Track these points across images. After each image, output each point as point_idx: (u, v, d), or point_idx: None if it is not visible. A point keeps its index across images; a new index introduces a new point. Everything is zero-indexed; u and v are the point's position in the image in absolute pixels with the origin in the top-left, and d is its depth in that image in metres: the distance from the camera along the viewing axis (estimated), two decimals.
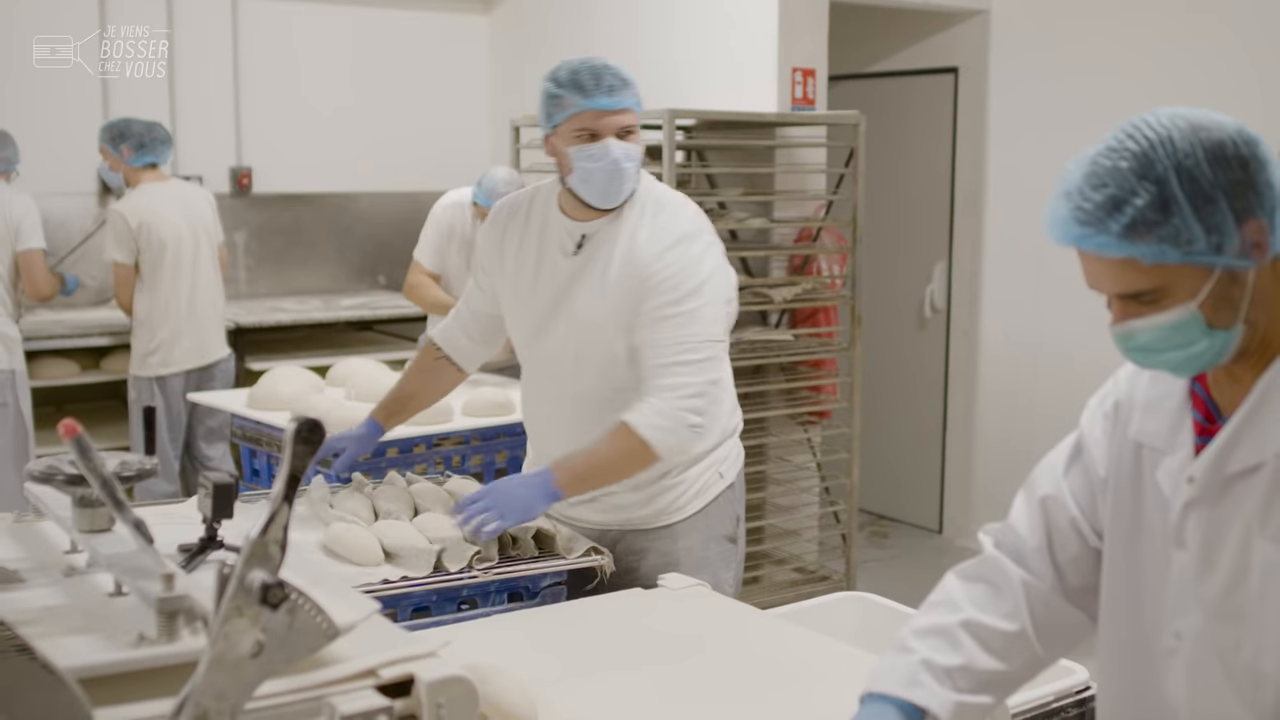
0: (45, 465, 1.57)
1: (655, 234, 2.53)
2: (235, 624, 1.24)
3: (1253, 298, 1.39)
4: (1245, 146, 1.37)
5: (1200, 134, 1.37)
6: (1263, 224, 1.37)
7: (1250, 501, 1.41)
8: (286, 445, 1.26)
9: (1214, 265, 1.36)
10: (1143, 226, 1.35)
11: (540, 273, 2.64)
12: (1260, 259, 1.38)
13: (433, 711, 1.38)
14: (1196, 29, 5.08)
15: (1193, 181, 1.35)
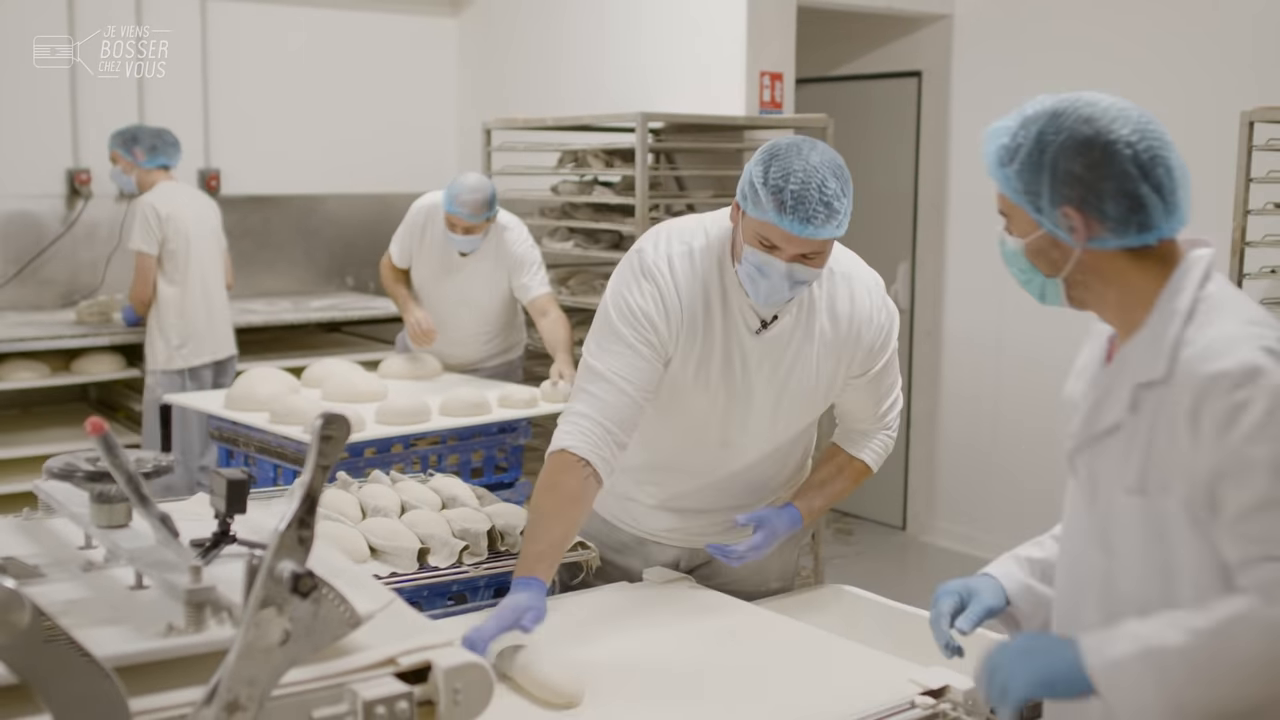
0: (63, 462, 1.61)
1: (863, 300, 2.47)
2: (265, 613, 1.28)
3: (1087, 274, 1.67)
4: (1107, 151, 1.61)
5: (1082, 125, 1.63)
6: (1077, 215, 1.64)
7: (1112, 456, 1.68)
8: (313, 440, 1.31)
9: (1039, 222, 1.67)
10: (1003, 162, 1.68)
11: (726, 351, 2.43)
12: (1079, 241, 1.65)
13: (450, 696, 1.43)
14: (1155, 34, 5.19)
15: (1040, 153, 1.64)
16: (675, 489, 2.62)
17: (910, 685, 2.01)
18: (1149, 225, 1.63)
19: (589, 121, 5.32)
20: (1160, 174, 1.62)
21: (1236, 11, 4.92)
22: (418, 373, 4.71)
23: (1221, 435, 1.53)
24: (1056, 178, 1.63)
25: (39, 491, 1.83)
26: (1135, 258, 1.65)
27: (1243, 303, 1.65)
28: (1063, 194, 1.63)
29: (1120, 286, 1.67)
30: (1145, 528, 1.64)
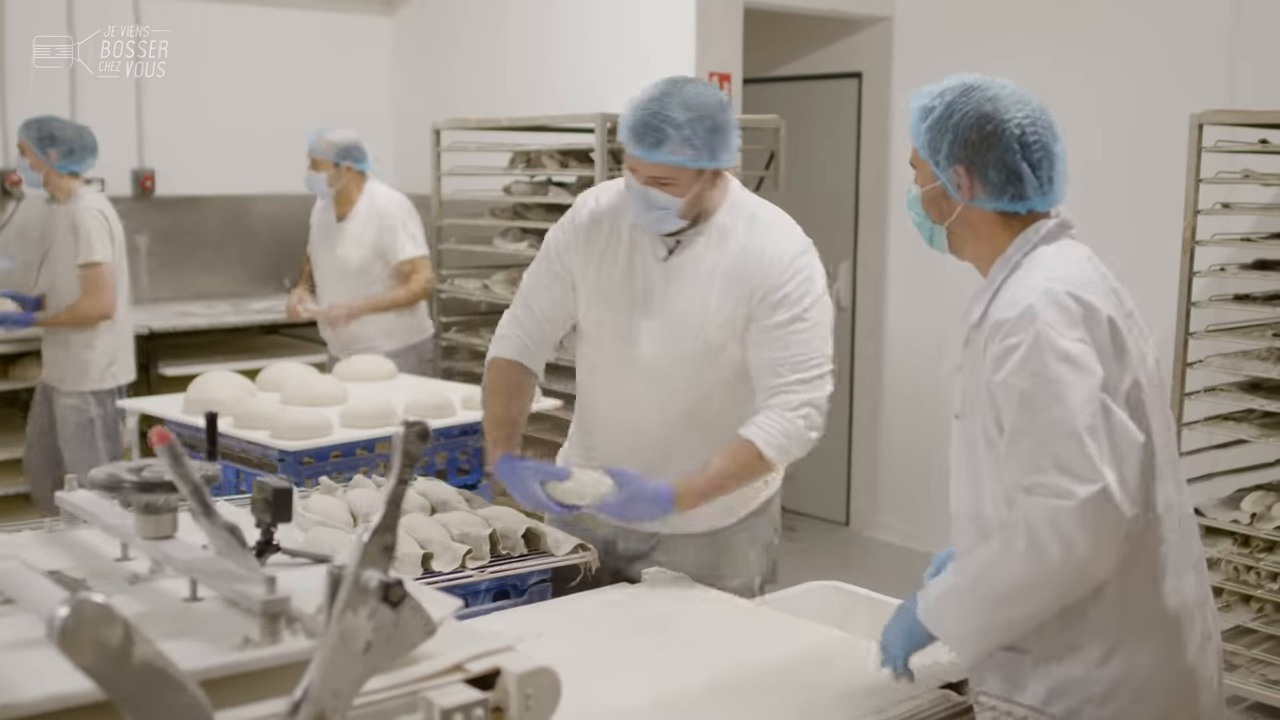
0: (107, 474, 1.58)
1: (773, 242, 2.57)
2: (351, 622, 1.27)
3: (964, 227, 1.99)
4: (998, 127, 1.92)
5: (987, 103, 1.94)
6: (965, 175, 1.95)
7: (954, 389, 2.05)
8: (397, 449, 1.30)
9: (936, 175, 1.98)
10: (920, 119, 1.99)
11: (630, 277, 2.65)
12: (963, 197, 1.96)
13: (521, 702, 1.43)
14: (1095, 38, 5.31)
15: (948, 117, 1.95)
16: (599, 449, 2.74)
17: (931, 679, 2.04)
18: (1021, 195, 1.95)
19: (545, 122, 5.30)
20: (1039, 156, 1.94)
21: (1182, 15, 5.04)
22: (373, 374, 4.66)
23: (996, 371, 1.86)
24: (955, 140, 1.94)
25: (63, 503, 1.79)
26: (1004, 221, 1.98)
27: (1062, 262, 1.93)
28: (957, 154, 1.94)
29: (987, 242, 1.99)
30: (963, 447, 2.02)
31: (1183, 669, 1.95)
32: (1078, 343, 1.82)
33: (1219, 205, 4.20)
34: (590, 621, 2.33)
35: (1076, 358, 1.81)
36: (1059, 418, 1.79)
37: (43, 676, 1.25)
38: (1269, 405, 4.10)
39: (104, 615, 1.17)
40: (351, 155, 5.18)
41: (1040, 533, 1.79)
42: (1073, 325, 1.83)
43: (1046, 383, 1.81)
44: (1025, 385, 1.82)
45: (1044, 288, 1.86)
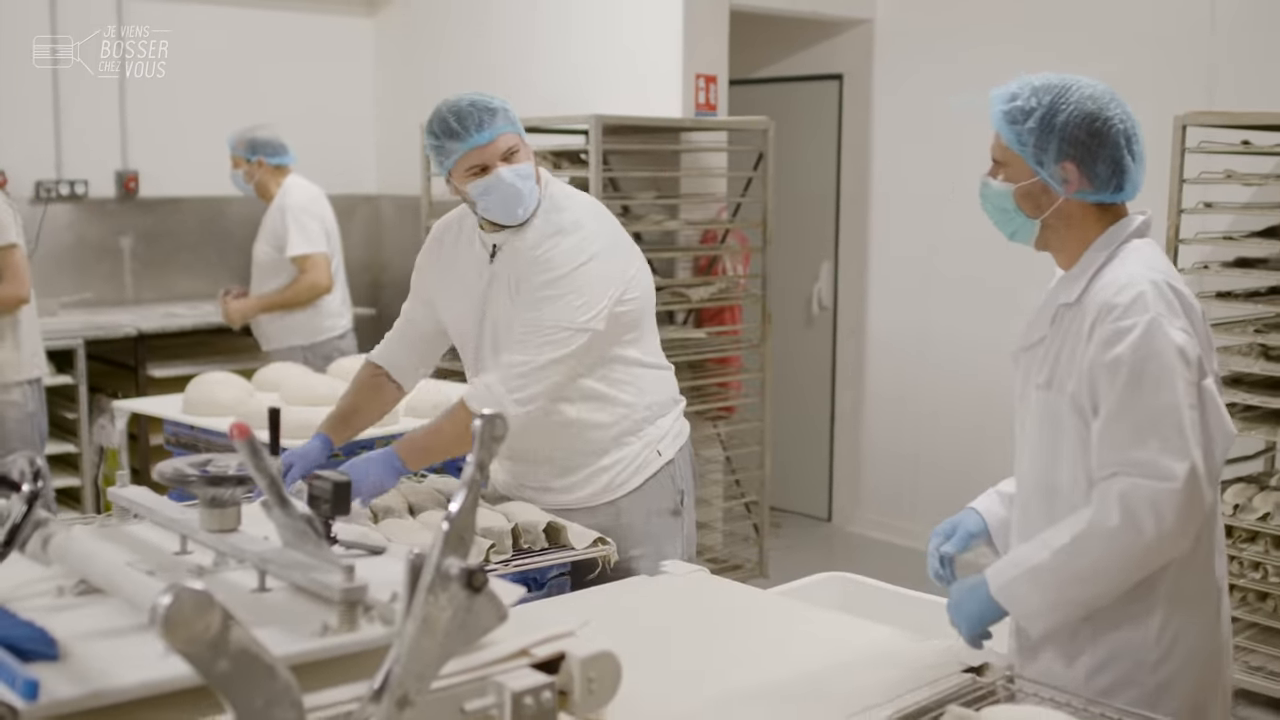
0: (173, 469, 1.62)
1: (540, 229, 2.73)
2: (433, 609, 1.32)
3: (1060, 219, 2.07)
4: (1105, 125, 2.02)
5: (1088, 101, 2.03)
6: (1075, 169, 2.03)
7: (1034, 361, 2.12)
8: (477, 438, 1.35)
9: (1037, 172, 2.04)
10: (1014, 120, 2.04)
11: (467, 283, 2.83)
12: (1069, 191, 2.05)
13: (584, 685, 1.48)
14: (1069, 39, 5.40)
15: (1052, 118, 2.02)
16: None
17: (953, 664, 2.11)
18: (1122, 186, 2.06)
19: (538, 123, 5.34)
20: (1138, 148, 2.07)
21: (1161, 16, 5.14)
22: None
23: (1104, 351, 1.94)
24: (1065, 138, 2.02)
25: (116, 499, 1.83)
26: (1099, 213, 2.08)
27: (1155, 256, 2.05)
28: (1066, 151, 2.02)
29: (1080, 231, 2.08)
30: (1044, 416, 2.09)
31: (1219, 640, 2.09)
32: (1183, 332, 1.94)
33: (1202, 204, 4.29)
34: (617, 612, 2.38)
35: (1184, 347, 1.93)
36: (1166, 401, 1.91)
37: (137, 662, 1.29)
38: (1250, 399, 4.20)
39: (204, 602, 1.21)
40: (262, 149, 5.32)
41: (1137, 509, 1.91)
42: (1177, 315, 1.95)
43: (1158, 367, 1.91)
44: (1136, 367, 1.92)
45: (1150, 278, 1.97)
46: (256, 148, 5.34)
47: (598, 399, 2.78)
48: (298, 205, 5.30)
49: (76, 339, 5.35)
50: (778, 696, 2.01)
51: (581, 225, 2.72)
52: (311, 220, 5.31)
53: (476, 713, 1.41)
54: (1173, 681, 2.01)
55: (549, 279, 2.65)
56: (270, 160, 5.35)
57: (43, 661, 1.28)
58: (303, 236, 5.26)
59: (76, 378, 5.34)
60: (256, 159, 5.35)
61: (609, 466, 2.82)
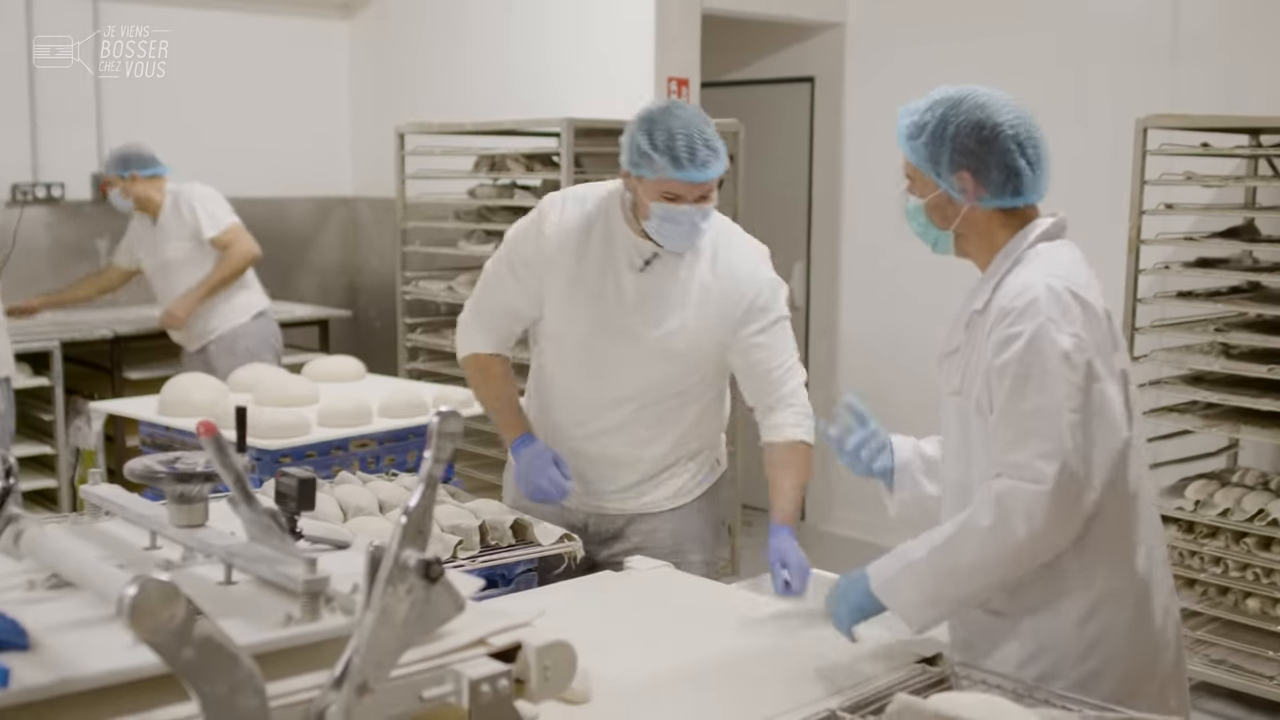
0: (143, 466, 1.66)
1: (743, 256, 2.78)
2: (392, 599, 1.37)
3: (968, 227, 2.13)
4: (994, 131, 2.07)
5: (977, 110, 2.08)
6: (970, 178, 2.09)
7: (950, 368, 2.18)
8: (434, 434, 1.40)
9: (938, 184, 2.11)
10: (912, 135, 2.12)
11: (604, 282, 2.76)
12: (969, 200, 2.11)
13: (540, 673, 1.54)
14: (1037, 43, 5.47)
15: (943, 130, 2.08)
16: (565, 439, 2.87)
17: (908, 654, 2.17)
18: (1019, 190, 2.10)
19: (510, 126, 5.40)
20: (1031, 152, 2.10)
21: (1125, 21, 5.22)
22: (343, 375, 4.74)
23: (995, 355, 2.01)
24: (956, 149, 2.08)
25: (89, 496, 1.87)
26: (1004, 218, 2.13)
27: (1060, 259, 2.08)
28: (959, 162, 2.09)
29: (989, 238, 2.13)
30: (958, 421, 2.15)
31: (1149, 634, 2.11)
32: (1073, 338, 1.97)
33: (1163, 206, 4.37)
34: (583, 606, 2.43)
35: (1069, 351, 1.97)
36: (1044, 404, 1.96)
37: (105, 652, 1.34)
38: (1211, 397, 4.28)
39: (169, 593, 1.26)
40: (133, 163, 5.41)
41: (1011, 510, 1.96)
42: (1071, 321, 1.98)
43: (1040, 371, 1.97)
44: (1021, 371, 1.98)
45: (1047, 282, 2.02)
46: (127, 163, 5.42)
47: (714, 409, 2.91)
48: (195, 193, 5.44)
49: (53, 341, 5.37)
50: (729, 685, 2.07)
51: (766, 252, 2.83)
52: (213, 201, 5.46)
53: (435, 700, 1.46)
54: (1101, 674, 2.05)
55: (781, 306, 2.77)
56: (144, 173, 5.44)
57: (13, 651, 1.33)
58: (213, 218, 5.41)
59: (53, 379, 5.37)
60: (129, 174, 5.42)
61: (679, 474, 2.91)
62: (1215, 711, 4.34)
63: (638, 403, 2.81)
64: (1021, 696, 1.83)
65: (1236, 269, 4.42)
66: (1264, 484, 4.36)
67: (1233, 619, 4.29)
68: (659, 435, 2.85)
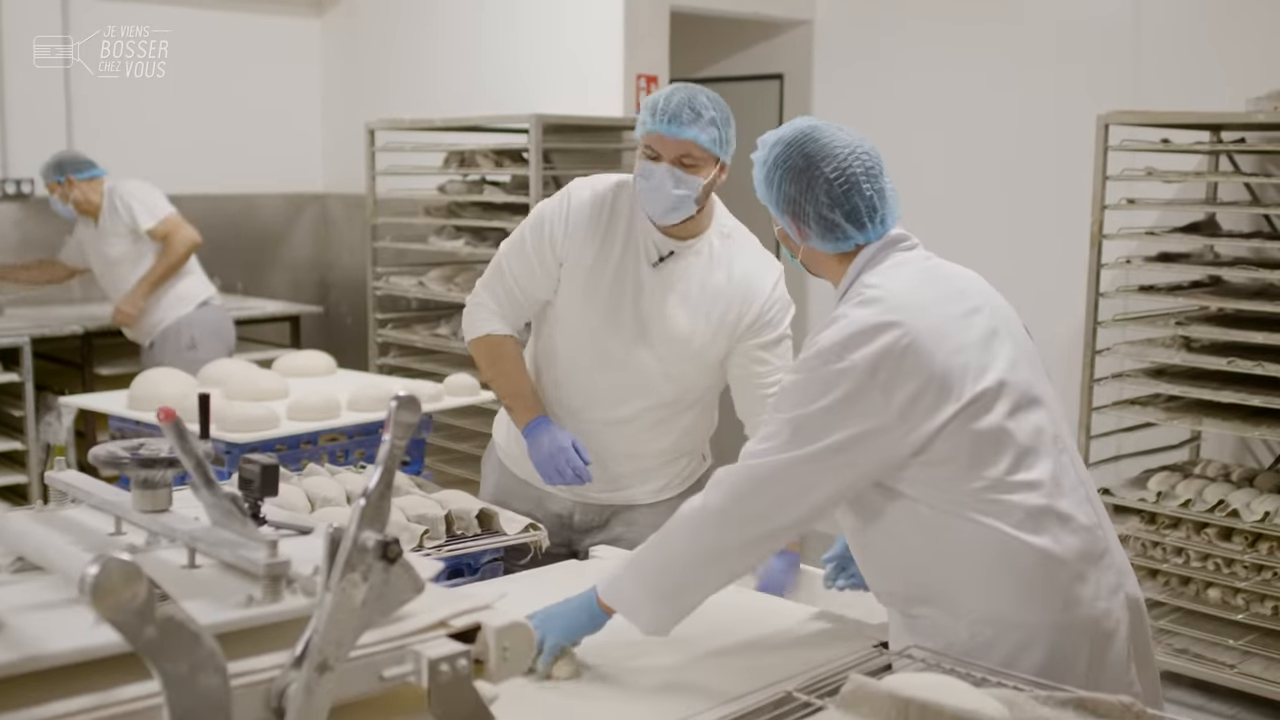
0: (106, 452, 1.68)
1: (757, 269, 2.80)
2: (350, 579, 1.39)
3: (809, 261, 2.17)
4: (811, 181, 2.07)
5: (802, 158, 2.09)
6: (792, 223, 2.12)
7: None
8: (391, 419, 1.42)
9: (778, 219, 2.16)
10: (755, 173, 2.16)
11: (620, 276, 2.78)
12: (800, 239, 2.14)
13: (499, 654, 1.56)
14: (1011, 41, 5.53)
15: (771, 172, 2.11)
16: (566, 423, 2.87)
17: (864, 641, 2.21)
18: (844, 239, 2.11)
19: (480, 123, 5.42)
20: (855, 202, 2.08)
21: (1091, 16, 5.28)
22: (313, 369, 4.75)
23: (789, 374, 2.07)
24: (780, 194, 2.11)
25: (54, 483, 1.89)
26: (840, 256, 2.14)
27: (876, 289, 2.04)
28: (782, 206, 2.13)
29: (829, 271, 2.16)
30: None
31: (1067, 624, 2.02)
32: (848, 366, 1.97)
33: (1124, 201, 4.43)
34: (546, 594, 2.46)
35: (836, 376, 1.98)
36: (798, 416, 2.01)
37: (70, 632, 1.36)
38: (1173, 390, 4.34)
39: (131, 572, 1.28)
40: (68, 167, 5.49)
41: (709, 486, 2.08)
42: (849, 351, 1.97)
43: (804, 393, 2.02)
44: (795, 388, 2.05)
45: (847, 319, 2.01)
46: (63, 167, 5.51)
47: (709, 412, 2.93)
48: (127, 188, 5.50)
49: (23, 337, 5.36)
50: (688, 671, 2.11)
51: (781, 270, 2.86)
52: (147, 191, 5.50)
53: (395, 679, 1.49)
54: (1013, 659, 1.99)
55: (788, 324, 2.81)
56: (80, 176, 5.51)
57: None
58: (148, 208, 5.47)
59: (23, 375, 5.36)
60: (65, 178, 5.48)
61: (669, 464, 2.94)
62: (1177, 699, 4.40)
63: (642, 402, 2.83)
64: (977, 681, 1.86)
65: (1198, 263, 4.48)
66: (1225, 476, 4.42)
67: (1194, 609, 4.35)
68: (658, 436, 2.88)
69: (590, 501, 2.92)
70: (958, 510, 1.99)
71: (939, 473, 2.00)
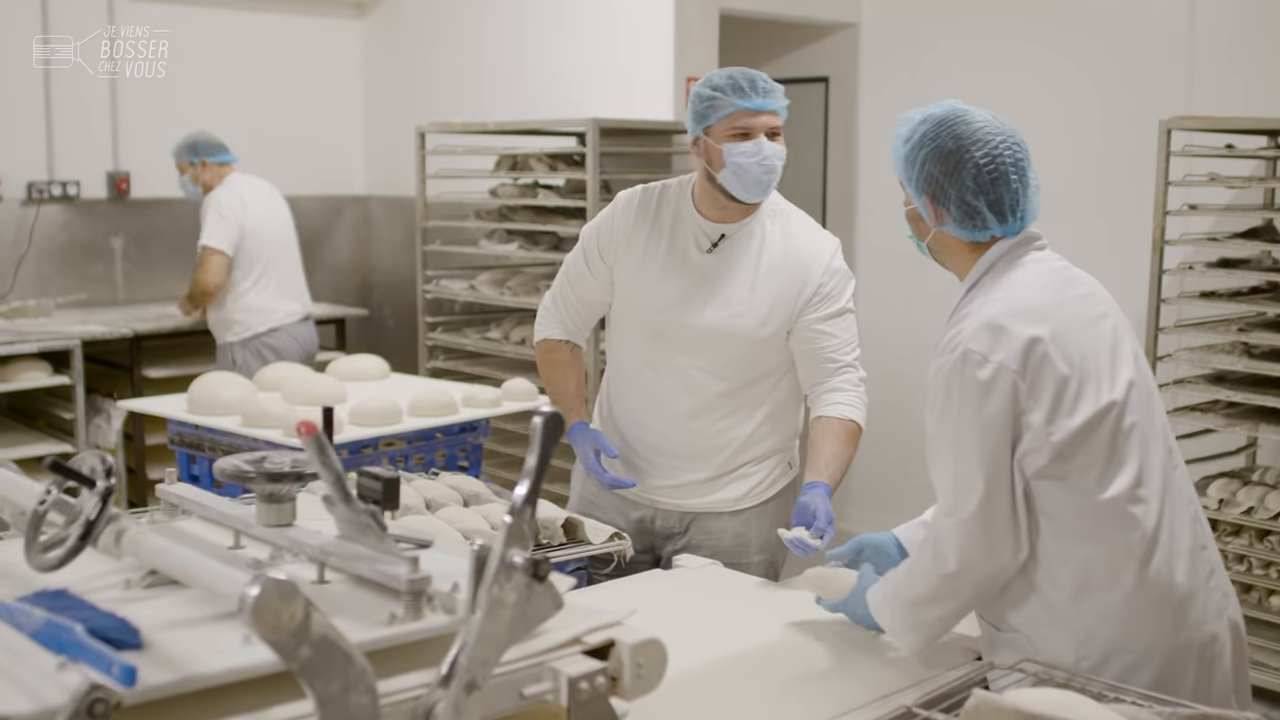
0: (232, 466, 1.67)
1: (813, 242, 2.83)
2: (498, 597, 1.39)
3: (938, 245, 2.14)
4: (958, 167, 2.04)
5: (952, 139, 2.04)
6: (931, 205, 2.09)
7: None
8: (536, 434, 1.41)
9: (914, 199, 2.12)
10: (896, 149, 2.13)
11: (671, 265, 2.81)
12: (934, 223, 2.11)
13: (634, 670, 1.55)
14: (1053, 43, 5.50)
15: (917, 152, 2.08)
16: (633, 429, 2.89)
17: (964, 651, 2.19)
18: (982, 228, 2.08)
19: (534, 126, 5.41)
20: (998, 193, 2.05)
21: (1143, 21, 5.24)
22: (368, 374, 4.76)
23: (929, 390, 2.05)
24: (922, 174, 2.08)
25: (165, 495, 1.88)
26: (972, 246, 2.11)
27: (1010, 289, 2.03)
28: (923, 186, 2.09)
29: (959, 261, 2.13)
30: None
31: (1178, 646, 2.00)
32: (994, 370, 1.95)
33: (1186, 206, 4.39)
34: (632, 603, 2.45)
35: (987, 384, 1.95)
36: (962, 437, 1.97)
37: (219, 650, 1.36)
38: (1234, 396, 4.31)
39: (288, 591, 1.27)
40: (202, 150, 5.55)
41: (940, 545, 2.02)
42: (996, 351, 1.95)
43: (959, 404, 1.98)
44: (940, 400, 2.01)
45: (983, 316, 1.99)
46: (197, 149, 5.56)
47: (785, 407, 2.89)
48: (217, 199, 5.49)
49: (74, 340, 5.37)
50: (803, 682, 2.09)
51: (839, 244, 2.91)
52: (224, 216, 5.46)
53: (535, 697, 1.48)
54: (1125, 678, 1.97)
55: (849, 295, 2.84)
56: (212, 160, 5.57)
57: (128, 650, 1.34)
58: (208, 229, 5.45)
59: (73, 378, 5.37)
60: (199, 160, 5.55)
61: (751, 474, 2.89)
62: None
63: (709, 392, 2.81)
64: (1093, 695, 1.85)
65: (1256, 269, 4.45)
66: None
67: (1256, 616, 4.31)
68: (732, 429, 2.83)
69: (669, 508, 2.89)
70: (1083, 526, 1.98)
71: (1072, 484, 1.98)
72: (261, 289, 5.52)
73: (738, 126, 2.68)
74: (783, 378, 2.85)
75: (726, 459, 2.86)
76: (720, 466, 2.86)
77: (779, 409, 2.87)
